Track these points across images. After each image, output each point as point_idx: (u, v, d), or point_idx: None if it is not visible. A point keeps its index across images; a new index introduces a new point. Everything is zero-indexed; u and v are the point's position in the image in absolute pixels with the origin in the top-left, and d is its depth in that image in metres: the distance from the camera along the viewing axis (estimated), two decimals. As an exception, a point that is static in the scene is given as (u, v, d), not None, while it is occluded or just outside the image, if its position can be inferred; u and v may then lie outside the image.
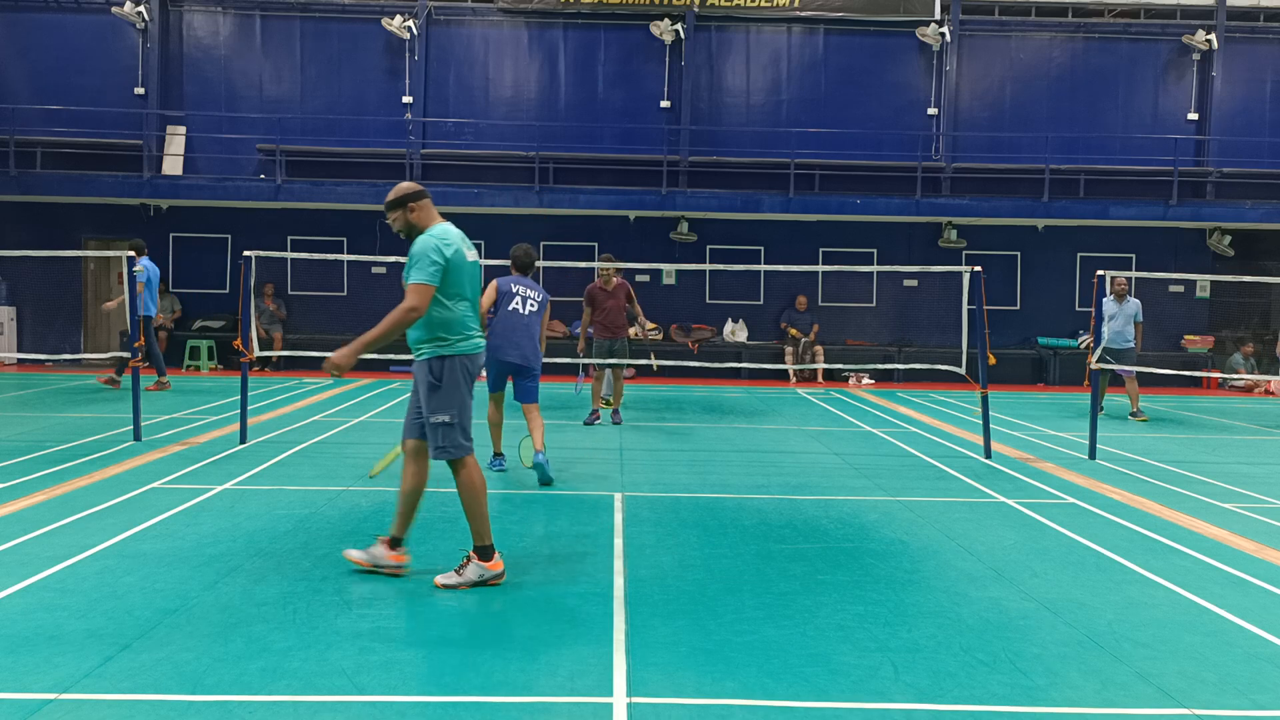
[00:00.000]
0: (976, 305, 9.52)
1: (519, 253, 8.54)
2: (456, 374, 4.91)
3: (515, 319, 8.14)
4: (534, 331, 8.24)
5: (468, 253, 5.02)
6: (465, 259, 4.97)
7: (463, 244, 5.02)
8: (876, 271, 19.21)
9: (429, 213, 5.05)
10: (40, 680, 3.67)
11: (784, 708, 3.59)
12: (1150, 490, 7.94)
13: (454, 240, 4.95)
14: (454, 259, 4.88)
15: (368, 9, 19.21)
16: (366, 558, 5.12)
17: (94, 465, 8.00)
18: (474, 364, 5.00)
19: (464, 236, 5.10)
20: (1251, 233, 19.17)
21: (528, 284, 8.33)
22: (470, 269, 5.02)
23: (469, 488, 4.96)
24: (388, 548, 5.12)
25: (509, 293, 8.23)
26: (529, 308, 8.21)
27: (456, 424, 4.91)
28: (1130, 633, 4.45)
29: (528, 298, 8.23)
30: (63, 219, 18.50)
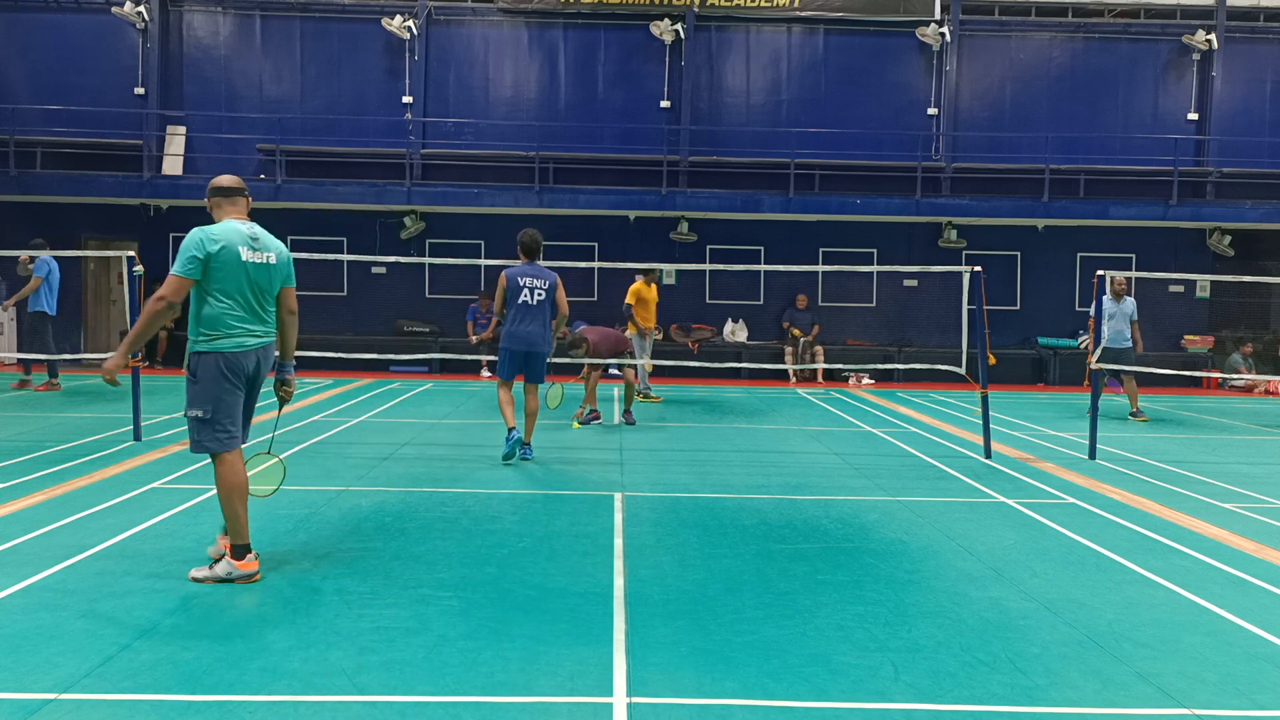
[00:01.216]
0: (976, 305, 9.52)
1: (525, 238, 8.78)
2: (211, 370, 4.94)
3: (525, 311, 8.57)
4: (544, 317, 8.63)
5: (247, 253, 5.00)
6: (239, 258, 4.96)
7: (244, 244, 5.00)
8: (876, 271, 19.22)
9: (224, 210, 5.14)
10: (40, 680, 3.67)
11: (784, 708, 3.59)
12: (1150, 490, 7.94)
13: (226, 238, 4.96)
14: (220, 256, 4.92)
15: (368, 9, 19.21)
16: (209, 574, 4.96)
17: (94, 465, 8.00)
18: (236, 362, 4.98)
19: (254, 238, 5.06)
20: (1251, 233, 19.17)
21: (535, 272, 8.64)
22: (249, 269, 5.00)
23: (223, 484, 4.99)
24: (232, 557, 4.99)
25: (517, 287, 8.57)
26: (537, 297, 8.58)
27: (209, 420, 4.95)
28: (1130, 633, 4.45)
29: (535, 288, 8.59)
30: (63, 219, 18.50)
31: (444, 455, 9.10)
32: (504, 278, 8.69)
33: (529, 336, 8.60)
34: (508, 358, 8.69)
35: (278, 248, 5.21)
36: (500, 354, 8.77)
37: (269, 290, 5.14)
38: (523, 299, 8.60)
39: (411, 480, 7.74)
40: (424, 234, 19.06)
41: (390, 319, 19.09)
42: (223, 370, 4.96)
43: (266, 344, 5.15)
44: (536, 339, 8.62)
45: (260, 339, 5.09)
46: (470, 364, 17.65)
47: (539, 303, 8.63)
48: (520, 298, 8.60)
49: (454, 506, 6.83)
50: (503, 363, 8.73)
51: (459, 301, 18.90)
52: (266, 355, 5.17)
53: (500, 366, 8.77)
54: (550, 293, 8.69)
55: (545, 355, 8.72)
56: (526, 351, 8.63)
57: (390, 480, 7.72)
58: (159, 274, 18.58)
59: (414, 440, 9.88)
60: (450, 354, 15.63)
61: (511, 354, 8.67)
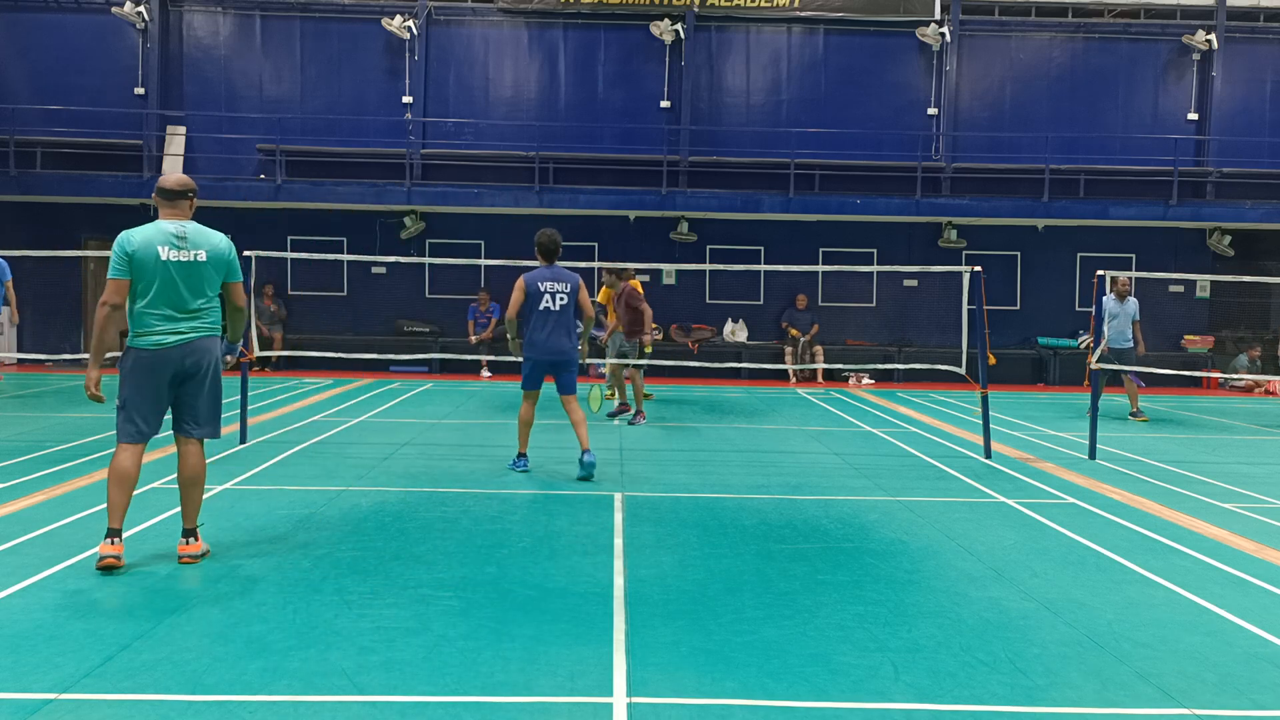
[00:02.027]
0: (976, 305, 9.52)
1: (544, 239, 8.21)
2: (129, 364, 5.13)
3: (548, 318, 8.02)
4: (568, 324, 8.08)
5: (168, 252, 5.08)
6: (157, 258, 5.06)
7: (166, 243, 5.10)
8: (876, 271, 19.21)
9: (161, 211, 5.28)
10: (40, 680, 3.67)
11: (784, 708, 3.59)
12: (1150, 490, 7.94)
13: (145, 238, 5.09)
14: (137, 255, 5.05)
15: (368, 9, 19.21)
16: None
17: (94, 465, 8.00)
18: (152, 359, 5.09)
19: (179, 236, 5.14)
20: (1251, 233, 19.17)
21: (555, 275, 8.07)
22: (170, 268, 5.08)
23: (110, 470, 5.14)
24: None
25: (537, 293, 8.00)
26: (559, 302, 8.01)
27: (123, 409, 5.16)
28: (1130, 633, 4.45)
29: (557, 292, 8.01)
30: (63, 219, 18.50)
31: (444, 455, 9.10)
32: (521, 283, 8.08)
33: (555, 345, 8.05)
34: (531, 368, 8.18)
35: (211, 245, 5.22)
36: (524, 365, 8.23)
37: (196, 288, 5.16)
38: (544, 305, 8.01)
39: (411, 480, 7.74)
40: (424, 234, 19.06)
41: (390, 319, 19.09)
42: (139, 366, 5.11)
43: (191, 340, 5.15)
44: (563, 347, 8.07)
45: (182, 336, 5.14)
46: (470, 364, 17.65)
47: (561, 307, 8.04)
48: (541, 303, 8.02)
49: (454, 506, 6.83)
50: (527, 374, 8.22)
51: (459, 301, 18.90)
52: (196, 352, 5.17)
53: (526, 377, 8.24)
54: (573, 296, 8.11)
55: (575, 363, 8.20)
56: (553, 361, 8.10)
57: (390, 480, 7.72)
58: (159, 274, 18.59)
59: (414, 440, 9.88)
60: (450, 354, 15.63)
61: (536, 364, 8.14)
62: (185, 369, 5.18)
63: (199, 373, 5.23)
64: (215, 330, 5.29)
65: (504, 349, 17.76)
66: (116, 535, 5.08)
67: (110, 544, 5.05)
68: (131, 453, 5.17)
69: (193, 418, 5.31)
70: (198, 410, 5.30)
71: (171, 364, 5.14)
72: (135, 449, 5.19)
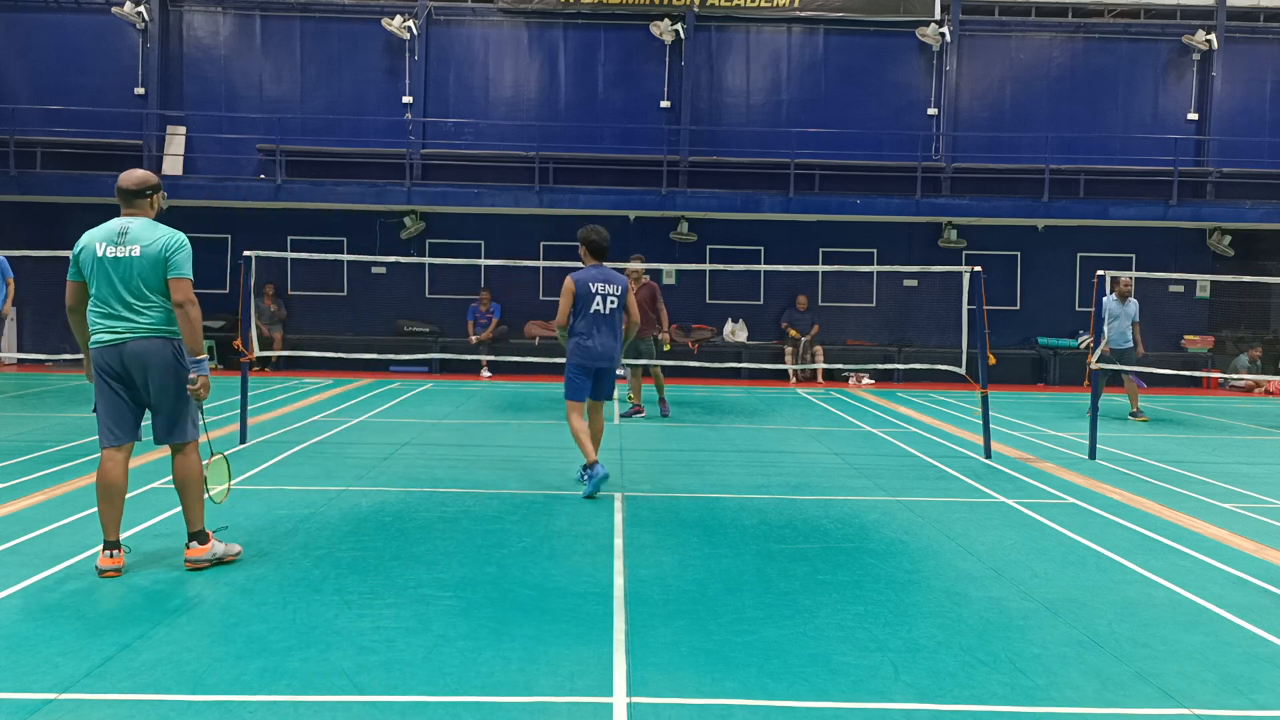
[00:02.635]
0: (976, 305, 9.52)
1: (592, 236, 7.61)
2: (92, 366, 5.08)
3: (599, 321, 7.47)
4: (617, 328, 7.59)
5: (105, 248, 4.99)
6: (94, 255, 5.00)
7: (105, 240, 5.01)
8: (876, 271, 19.22)
9: (121, 211, 5.18)
10: (40, 680, 3.67)
11: (784, 708, 3.59)
12: (1150, 490, 7.94)
13: (88, 238, 5.06)
14: (80, 256, 5.05)
15: (368, 9, 19.21)
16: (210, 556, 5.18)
17: (94, 465, 7.97)
18: (100, 359, 5.03)
19: (121, 232, 5.01)
20: (1251, 233, 19.17)
21: (605, 276, 7.52)
22: (106, 265, 4.98)
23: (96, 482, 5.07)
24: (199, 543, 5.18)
25: (588, 294, 7.44)
26: (609, 305, 7.48)
27: (96, 413, 5.13)
28: (1130, 633, 4.45)
29: (607, 294, 7.47)
30: (63, 219, 18.49)
31: (444, 455, 9.10)
32: (571, 283, 7.45)
33: (606, 350, 7.48)
34: (580, 376, 7.54)
35: (150, 240, 4.99)
36: (570, 372, 7.57)
37: (131, 285, 4.96)
38: (595, 307, 7.42)
39: (411, 480, 7.74)
40: (424, 234, 19.06)
41: (390, 319, 19.09)
42: (95, 367, 5.06)
43: (126, 341, 4.98)
44: (613, 352, 7.52)
45: (117, 336, 4.98)
46: (470, 364, 17.66)
47: (611, 311, 7.48)
48: (592, 306, 7.42)
49: (454, 506, 6.83)
50: (574, 382, 7.56)
51: (459, 301, 18.90)
52: (132, 353, 4.98)
53: (572, 387, 7.57)
54: (622, 298, 7.57)
55: (615, 370, 7.69)
56: (603, 368, 7.55)
57: (390, 480, 7.72)
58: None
59: (414, 440, 9.88)
60: (450, 354, 15.64)
61: (584, 370, 7.54)
62: (125, 370, 5.00)
63: (144, 375, 5.00)
64: (157, 332, 5.00)
65: (504, 349, 17.79)
66: (114, 547, 5.03)
67: (109, 556, 5.01)
68: (110, 459, 5.06)
69: (156, 421, 5.14)
70: (157, 412, 5.10)
71: (112, 364, 5.00)
72: (113, 454, 5.07)
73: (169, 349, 5.05)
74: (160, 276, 5.00)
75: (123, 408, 5.08)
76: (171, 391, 5.07)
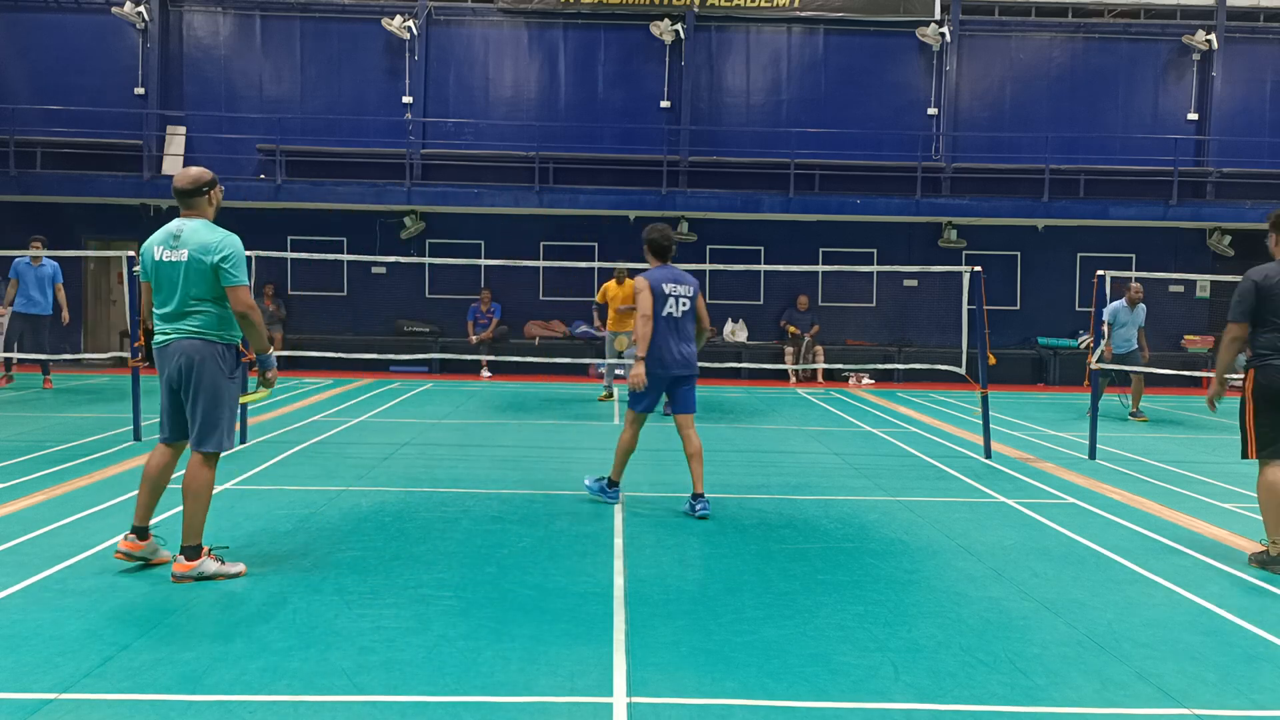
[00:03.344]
0: (976, 305, 9.52)
1: (658, 236, 7.04)
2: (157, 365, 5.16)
3: (670, 325, 6.84)
4: (690, 331, 6.99)
5: (162, 252, 5.04)
6: (153, 258, 5.07)
7: (161, 243, 5.06)
8: (876, 271, 19.22)
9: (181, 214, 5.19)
10: (40, 680, 3.67)
11: (784, 708, 3.59)
12: (1150, 490, 7.94)
13: (151, 240, 5.13)
14: (144, 257, 5.14)
15: (368, 9, 19.21)
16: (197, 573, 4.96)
17: (94, 465, 8.00)
18: (158, 358, 5.11)
19: (174, 235, 5.01)
20: (1251, 233, 19.11)
21: (676, 277, 6.94)
22: (161, 268, 5.04)
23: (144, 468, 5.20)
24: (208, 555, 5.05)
25: (662, 294, 6.83)
26: (682, 307, 6.89)
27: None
28: (1130, 633, 4.45)
29: (680, 296, 6.89)
30: (63, 219, 18.49)
31: (444, 455, 9.10)
32: (645, 282, 6.81)
33: (681, 357, 6.84)
34: (652, 384, 6.83)
35: (200, 244, 4.94)
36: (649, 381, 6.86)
37: (181, 288, 4.95)
38: (667, 310, 6.80)
39: (411, 480, 7.74)
40: (424, 234, 19.06)
41: (390, 319, 19.09)
42: (161, 367, 5.14)
43: (173, 341, 4.99)
44: (689, 358, 6.91)
45: (167, 337, 5.03)
46: (470, 364, 17.65)
47: (684, 314, 6.89)
48: (664, 309, 6.80)
49: (454, 506, 6.83)
50: (643, 394, 6.87)
51: (459, 301, 18.90)
52: (178, 354, 4.97)
53: (638, 399, 6.89)
54: (694, 300, 6.97)
55: (696, 378, 7.03)
56: (677, 375, 6.85)
57: (390, 480, 7.72)
58: (159, 274, 18.58)
59: (414, 440, 9.88)
60: (450, 354, 15.65)
61: (658, 380, 6.84)
62: (173, 371, 5.02)
63: (186, 377, 4.99)
64: (204, 334, 4.97)
65: (504, 349, 17.78)
66: (138, 533, 5.10)
67: (124, 539, 5.11)
68: (158, 452, 5.19)
69: (191, 424, 5.07)
70: (190, 415, 5.05)
71: (164, 366, 5.06)
72: (161, 449, 5.19)
73: (210, 352, 5.00)
74: (209, 282, 4.95)
75: (177, 406, 5.14)
76: (206, 394, 5.01)
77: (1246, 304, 5.73)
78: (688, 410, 6.95)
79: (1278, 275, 5.74)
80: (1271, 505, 5.52)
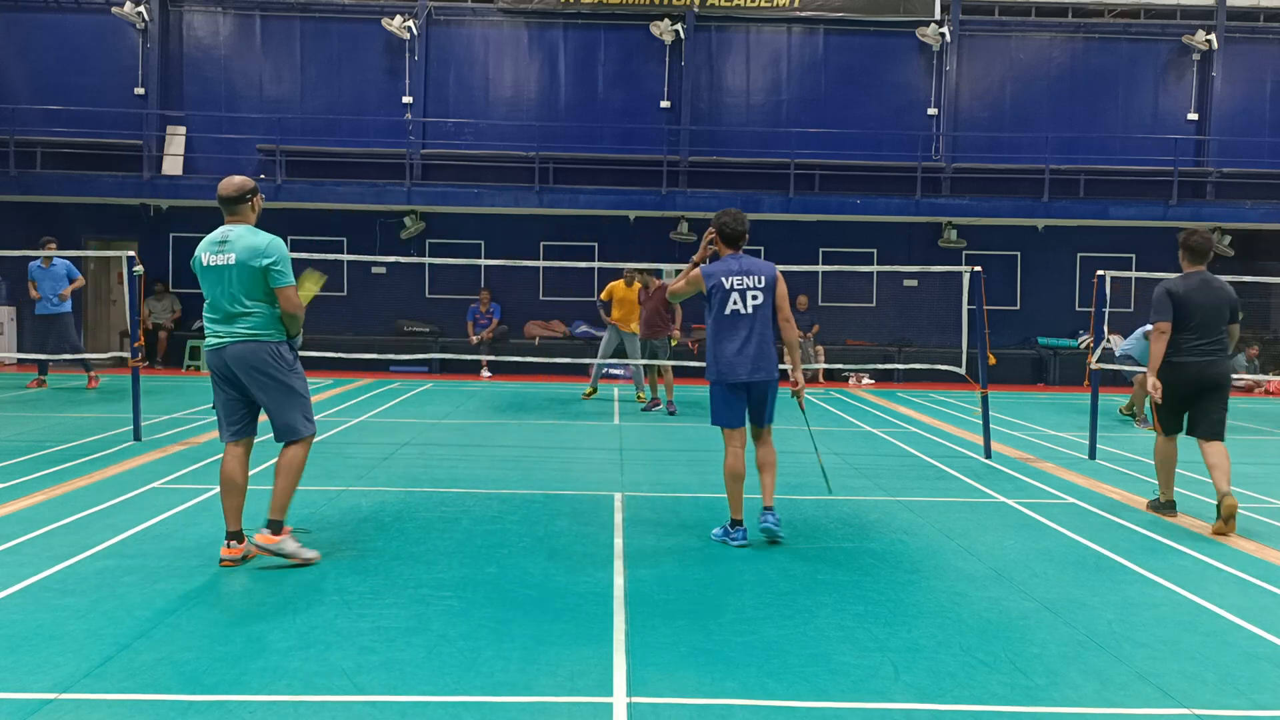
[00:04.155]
0: (976, 305, 9.52)
1: (727, 220, 6.05)
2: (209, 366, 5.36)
3: (735, 324, 5.89)
4: (765, 332, 5.96)
5: (209, 257, 5.23)
6: (201, 264, 5.26)
7: (209, 249, 5.25)
8: (876, 271, 19.22)
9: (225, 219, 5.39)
10: (40, 680, 3.67)
11: (784, 708, 3.59)
12: (1150, 490, 7.93)
13: (201, 246, 5.31)
14: (194, 264, 5.33)
15: (368, 9, 19.21)
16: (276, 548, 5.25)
17: (94, 465, 8.00)
18: (211, 360, 5.29)
19: (221, 241, 5.22)
20: (1251, 233, 19.17)
21: (744, 267, 5.94)
22: (209, 272, 5.22)
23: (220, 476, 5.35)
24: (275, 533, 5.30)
25: (721, 290, 5.91)
26: (752, 302, 5.89)
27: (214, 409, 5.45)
28: (1130, 633, 4.45)
29: (747, 289, 5.90)
30: (63, 219, 18.48)
31: (444, 455, 9.10)
32: (700, 277, 6.01)
33: (751, 359, 5.88)
34: (724, 395, 5.96)
35: (244, 248, 5.13)
36: (711, 392, 6.06)
37: (230, 292, 5.15)
38: (731, 306, 5.89)
39: (411, 480, 7.74)
40: (424, 234, 19.06)
41: (390, 319, 19.09)
42: (209, 366, 5.35)
43: (227, 345, 5.19)
44: (761, 361, 5.90)
45: (221, 340, 5.22)
46: (470, 364, 17.65)
47: (755, 309, 5.90)
48: (728, 305, 5.89)
49: (454, 506, 6.83)
50: (718, 404, 6.01)
51: (459, 301, 18.90)
52: (236, 357, 5.16)
53: (716, 410, 6.04)
54: (769, 293, 5.96)
55: (775, 384, 6.05)
56: (749, 382, 5.93)
57: (390, 480, 7.72)
58: (159, 274, 18.61)
59: (414, 440, 9.88)
60: (450, 354, 15.66)
61: (730, 389, 5.95)
62: (232, 372, 5.22)
63: (248, 377, 5.20)
64: (254, 336, 5.17)
65: (504, 349, 17.78)
66: (234, 538, 5.27)
67: (228, 547, 5.26)
68: (229, 453, 5.35)
69: (270, 420, 5.36)
70: (268, 413, 5.32)
71: (221, 368, 5.25)
72: (231, 449, 5.36)
73: (265, 352, 5.19)
74: (257, 285, 5.16)
75: (233, 405, 5.32)
76: (273, 392, 5.24)
77: (1165, 307, 6.83)
78: (763, 423, 6.04)
79: (1185, 288, 6.85)
80: (1164, 467, 7.14)
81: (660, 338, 12.54)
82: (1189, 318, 6.76)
